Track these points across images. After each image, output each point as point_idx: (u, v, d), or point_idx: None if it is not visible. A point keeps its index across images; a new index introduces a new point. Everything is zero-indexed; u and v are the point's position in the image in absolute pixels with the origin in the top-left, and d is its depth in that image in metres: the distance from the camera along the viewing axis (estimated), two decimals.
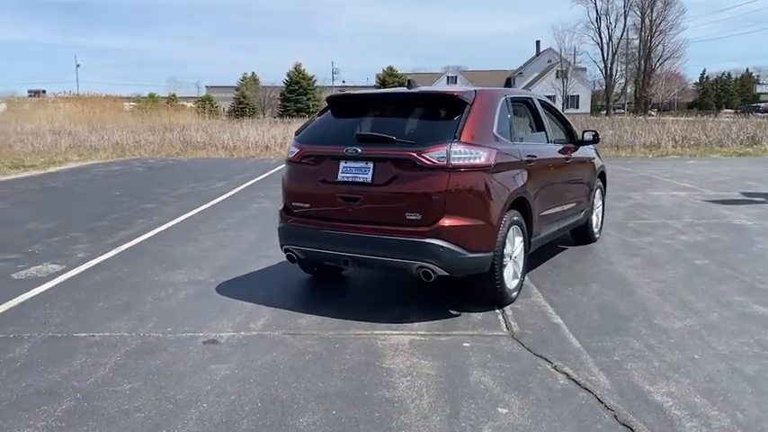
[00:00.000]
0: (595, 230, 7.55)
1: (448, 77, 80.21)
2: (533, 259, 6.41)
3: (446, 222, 4.57)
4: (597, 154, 7.65)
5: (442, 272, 4.63)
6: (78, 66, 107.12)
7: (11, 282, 5.83)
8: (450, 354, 4.15)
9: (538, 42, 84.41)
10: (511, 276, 5.13)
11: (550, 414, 3.33)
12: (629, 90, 80.00)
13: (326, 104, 5.50)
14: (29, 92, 69.71)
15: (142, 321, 4.76)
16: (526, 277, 5.91)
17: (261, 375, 3.82)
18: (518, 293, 5.26)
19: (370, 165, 4.77)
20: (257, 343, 4.34)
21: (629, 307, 5.09)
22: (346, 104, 5.41)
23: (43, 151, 22.24)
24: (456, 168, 4.59)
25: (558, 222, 6.18)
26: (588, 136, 6.86)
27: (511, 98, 5.61)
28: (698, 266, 6.33)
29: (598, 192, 7.52)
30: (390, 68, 66.12)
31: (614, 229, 8.33)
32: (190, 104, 53.63)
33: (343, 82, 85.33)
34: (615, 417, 3.30)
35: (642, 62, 73.24)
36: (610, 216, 8.95)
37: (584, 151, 7.00)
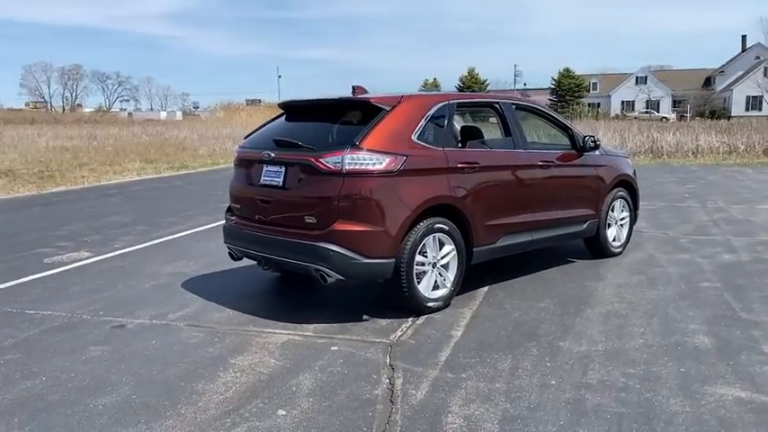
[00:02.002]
0: (615, 244, 6.96)
1: (637, 78, 75.44)
2: (518, 269, 6.21)
3: (339, 227, 4.63)
4: (622, 162, 7.06)
5: (336, 275, 4.70)
6: (280, 77, 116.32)
7: (37, 265, 6.80)
8: (304, 355, 4.23)
9: (744, 37, 76.30)
10: (430, 286, 5.02)
11: (323, 421, 3.32)
12: None
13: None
14: (246, 101, 76.95)
15: (89, 304, 5.37)
16: (488, 287, 5.73)
17: (117, 359, 4.20)
18: (444, 303, 5.12)
19: (282, 169, 4.96)
20: (152, 331, 4.73)
21: (551, 326, 4.76)
22: (290, 110, 5.63)
23: (218, 154, 24.37)
24: (351, 174, 4.63)
25: (531, 233, 5.87)
26: (590, 143, 6.39)
27: (457, 103, 5.46)
28: (695, 289, 5.65)
29: (618, 203, 6.93)
30: (567, 70, 63.82)
31: (658, 243, 7.62)
32: None
33: (525, 85, 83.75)
34: None
35: None
36: (678, 229, 8.35)
37: (591, 158, 6.52)
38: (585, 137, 6.39)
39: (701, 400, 3.50)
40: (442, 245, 5.10)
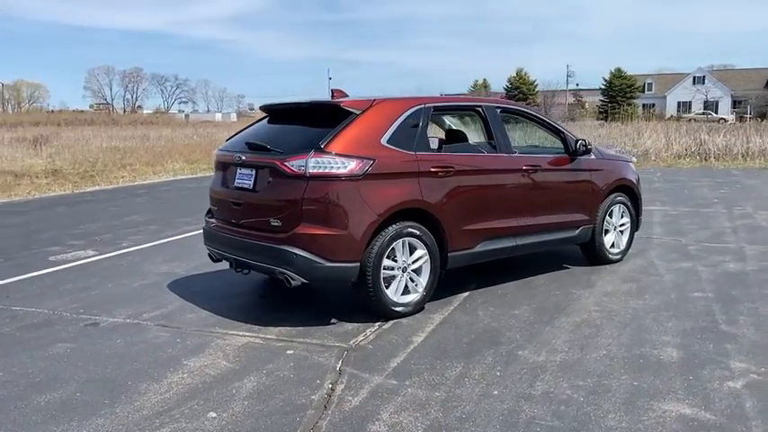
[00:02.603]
0: (614, 251, 6.76)
1: (694, 78, 73.14)
2: (508, 274, 6.15)
3: (302, 230, 4.65)
4: (622, 167, 6.86)
5: (299, 278, 4.71)
6: (330, 78, 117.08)
7: (42, 262, 7.05)
8: (257, 358, 4.26)
9: None
10: (399, 290, 4.99)
11: (249, 425, 3.34)
12: None
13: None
14: None
15: (73, 302, 5.53)
16: (469, 292, 5.67)
17: (78, 357, 4.31)
18: (415, 308, 5.08)
19: (253, 172, 5.01)
20: (121, 330, 4.84)
21: (516, 334, 4.66)
22: (272, 113, 5.67)
23: None
24: (315, 177, 4.63)
25: (515, 238, 5.76)
26: (581, 147, 6.23)
27: (434, 107, 5.40)
28: (683, 299, 5.45)
29: (617, 208, 6.73)
30: (618, 70, 62.28)
31: (665, 250, 7.37)
32: None
33: (577, 85, 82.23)
34: None
35: None
36: (692, 236, 8.10)
37: (584, 162, 6.35)
38: (578, 140, 6.23)
39: (642, 416, 3.37)
40: (413, 249, 5.05)
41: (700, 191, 12.85)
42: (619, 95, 60.02)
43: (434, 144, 5.49)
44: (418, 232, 5.02)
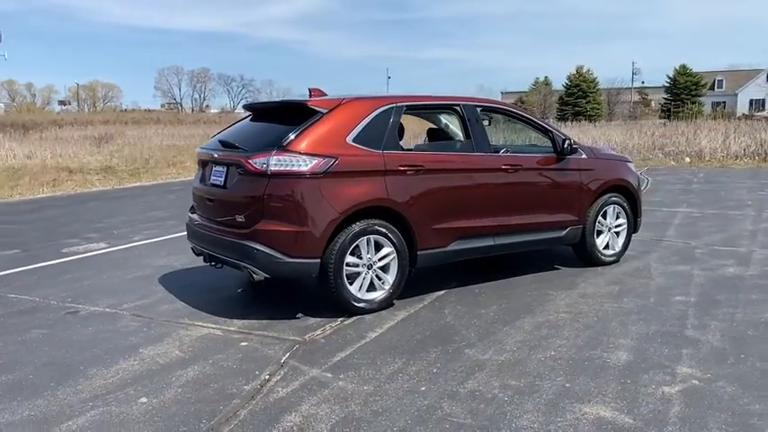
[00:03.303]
0: (607, 252, 6.63)
1: None
2: (493, 272, 6.14)
3: (263, 226, 4.78)
4: (617, 166, 6.72)
5: (261, 273, 4.85)
6: (389, 78, 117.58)
7: (53, 254, 7.44)
8: (209, 348, 4.41)
9: None
10: (364, 287, 5.06)
11: (172, 411, 3.48)
12: None
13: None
14: None
15: (64, 292, 5.82)
16: (445, 291, 5.69)
17: (46, 342, 4.56)
18: (380, 305, 5.13)
19: (224, 169, 5.17)
20: (97, 318, 5.08)
21: (472, 333, 4.67)
22: (252, 112, 5.82)
23: None
24: (276, 175, 4.76)
25: (493, 238, 5.74)
26: (567, 146, 6.14)
27: (407, 106, 5.44)
28: (661, 303, 5.32)
29: (611, 209, 6.59)
30: (683, 67, 60.04)
31: (668, 252, 7.18)
32: None
33: (643, 83, 79.78)
34: None
35: None
36: (705, 239, 7.87)
37: (573, 162, 6.25)
38: (564, 140, 6.13)
39: (558, 418, 3.34)
40: (380, 247, 5.11)
41: (737, 193, 12.36)
42: (683, 93, 57.91)
43: (422, 142, 5.51)
44: (384, 230, 5.07)
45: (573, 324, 4.81)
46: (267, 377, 3.93)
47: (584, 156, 6.36)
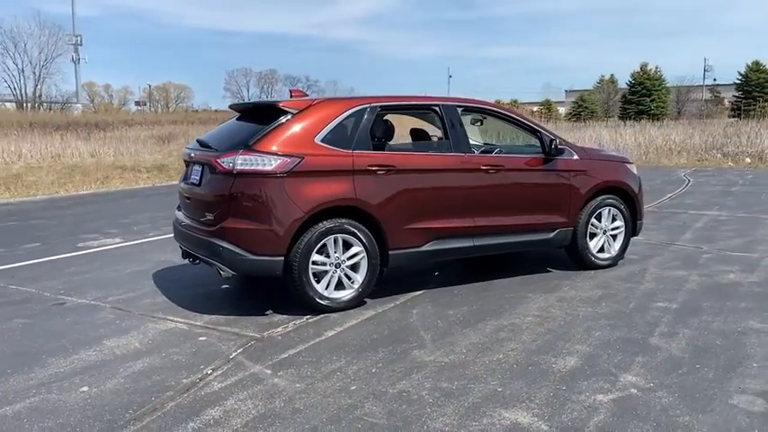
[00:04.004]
0: (602, 255, 6.46)
1: None
2: (479, 274, 6.08)
3: (228, 224, 4.91)
4: (613, 167, 6.54)
5: (228, 270, 4.97)
6: (450, 77, 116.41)
7: (68, 248, 7.81)
8: (168, 342, 4.55)
9: None
10: (332, 285, 5.12)
11: (105, 399, 3.63)
12: None
13: None
14: None
15: (61, 285, 6.10)
16: (423, 291, 5.70)
17: (22, 331, 4.81)
18: (348, 303, 5.17)
19: (200, 168, 5.33)
20: (79, 310, 5.31)
21: (428, 334, 4.66)
22: (238, 112, 5.96)
23: None
24: (241, 174, 4.87)
25: (472, 239, 5.70)
26: (553, 147, 6.01)
27: (381, 107, 5.46)
28: (639, 309, 5.17)
29: (607, 210, 6.42)
30: (756, 63, 57.29)
31: (671, 257, 6.94)
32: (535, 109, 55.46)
33: (714, 80, 76.46)
34: None
35: None
36: (719, 244, 7.58)
37: (562, 163, 6.12)
38: (551, 140, 6.01)
39: (473, 422, 3.31)
40: (349, 246, 5.14)
41: None
42: (755, 90, 55.29)
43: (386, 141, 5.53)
44: (353, 229, 5.10)
45: (536, 328, 4.73)
46: (210, 372, 4.03)
47: (575, 156, 6.22)
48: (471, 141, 6.61)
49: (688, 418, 3.32)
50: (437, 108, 5.71)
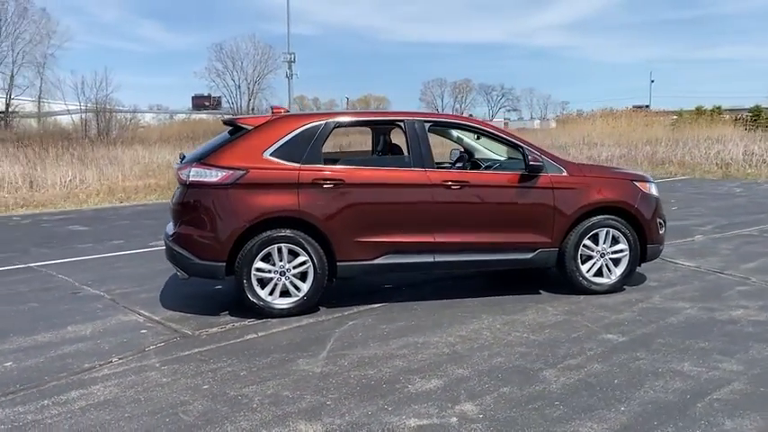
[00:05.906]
0: (598, 280, 5.99)
1: None
2: (464, 291, 6.04)
3: (182, 231, 5.45)
4: (614, 184, 6.08)
5: (183, 273, 5.51)
6: (653, 81, 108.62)
7: (135, 246, 8.87)
8: (111, 331, 5.14)
9: None
10: (277, 291, 5.40)
11: (15, 376, 4.28)
12: None
13: None
14: (634, 106, 72.95)
15: (93, 277, 6.99)
16: (385, 304, 5.81)
17: (21, 314, 5.67)
18: (290, 310, 5.40)
19: None
20: (82, 299, 6.09)
21: (333, 346, 4.78)
22: (225, 127, 6.44)
23: None
24: (192, 185, 5.39)
25: (433, 255, 5.67)
26: (532, 162, 5.75)
27: (337, 123, 5.66)
28: (588, 338, 4.85)
29: (604, 232, 5.97)
30: None
31: (696, 286, 6.25)
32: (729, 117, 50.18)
33: None
34: None
35: None
36: (745, 267, 6.80)
37: (547, 179, 5.82)
38: (531, 156, 5.74)
39: (263, 429, 3.46)
40: (296, 255, 5.41)
41: None
42: None
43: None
44: (298, 239, 5.36)
45: (443, 349, 4.65)
46: (114, 360, 4.54)
47: (564, 173, 5.88)
48: (477, 157, 6.56)
49: None
50: (401, 123, 5.76)
